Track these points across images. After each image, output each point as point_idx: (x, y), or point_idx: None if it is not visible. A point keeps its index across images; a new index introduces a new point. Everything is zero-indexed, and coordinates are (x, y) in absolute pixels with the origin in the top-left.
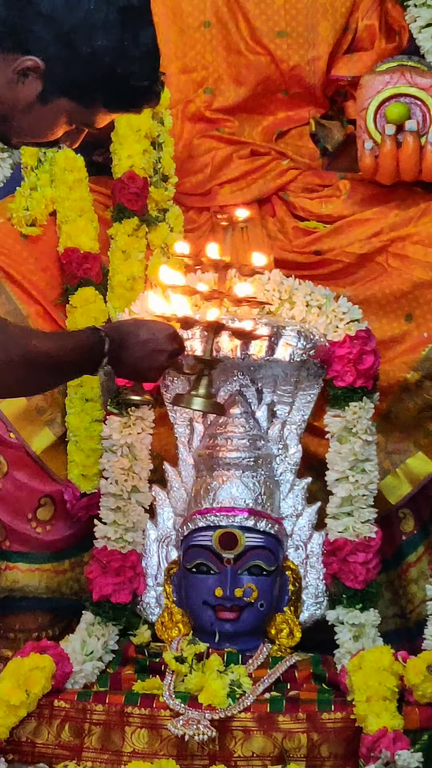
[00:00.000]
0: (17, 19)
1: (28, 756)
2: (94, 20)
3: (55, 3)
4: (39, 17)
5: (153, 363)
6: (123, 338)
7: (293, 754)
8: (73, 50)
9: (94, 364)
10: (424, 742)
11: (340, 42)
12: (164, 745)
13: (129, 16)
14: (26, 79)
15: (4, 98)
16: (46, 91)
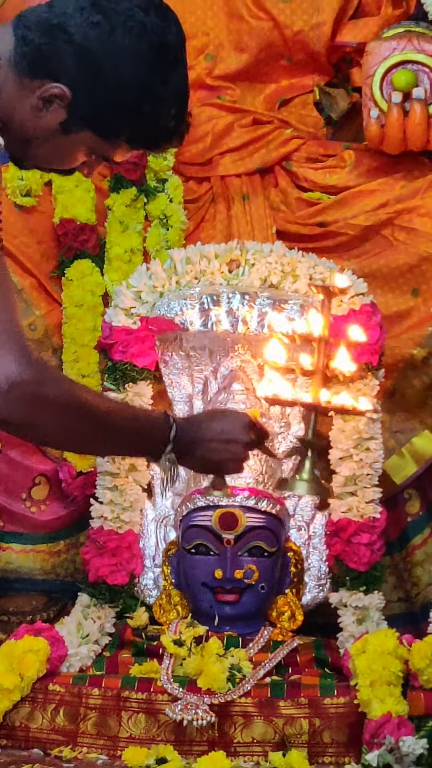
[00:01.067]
0: (49, 46)
1: (22, 741)
2: (125, 55)
3: (89, 33)
4: (71, 45)
5: (228, 455)
6: (195, 430)
7: (294, 740)
8: (101, 83)
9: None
10: (429, 729)
11: (345, 7)
12: (162, 730)
13: (161, 54)
14: (51, 107)
15: (28, 124)
16: (69, 121)
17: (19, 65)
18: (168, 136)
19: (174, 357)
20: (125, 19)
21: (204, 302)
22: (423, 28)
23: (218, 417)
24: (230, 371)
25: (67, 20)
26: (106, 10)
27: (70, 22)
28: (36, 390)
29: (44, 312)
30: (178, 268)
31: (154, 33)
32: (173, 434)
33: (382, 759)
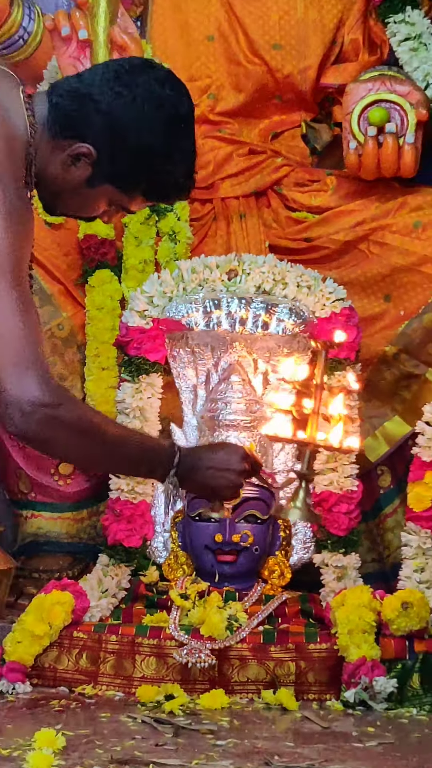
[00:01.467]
0: (78, 111)
1: (51, 681)
2: (144, 122)
3: (113, 103)
4: (97, 112)
5: (226, 482)
6: (197, 458)
7: (283, 680)
8: (123, 145)
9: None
10: (398, 670)
11: (328, 54)
12: (170, 671)
13: (175, 123)
14: (78, 163)
15: (58, 178)
16: (93, 176)
17: (53, 128)
18: (178, 191)
19: (181, 352)
20: (144, 91)
21: (207, 306)
22: (394, 72)
23: (217, 448)
24: (229, 365)
25: (95, 90)
26: (128, 83)
27: (97, 91)
28: (54, 413)
29: (70, 314)
30: (185, 276)
31: (169, 104)
32: (177, 461)
33: (358, 696)
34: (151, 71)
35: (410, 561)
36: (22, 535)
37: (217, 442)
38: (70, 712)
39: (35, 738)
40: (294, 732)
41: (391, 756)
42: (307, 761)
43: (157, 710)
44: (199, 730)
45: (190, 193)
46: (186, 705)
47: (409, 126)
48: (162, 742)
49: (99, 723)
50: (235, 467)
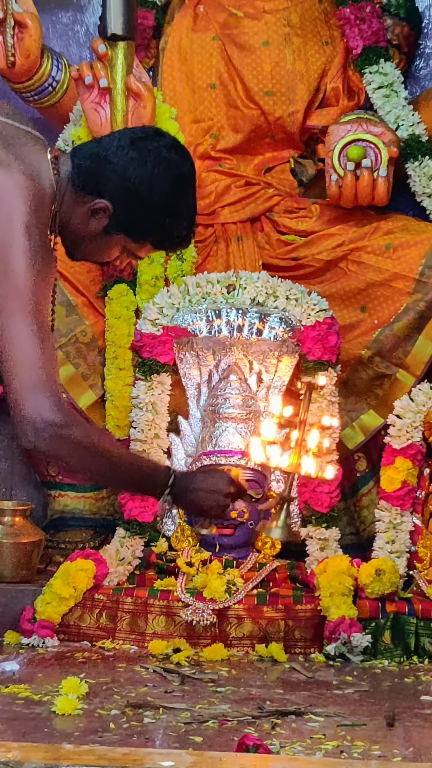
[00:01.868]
0: (97, 171)
1: (75, 636)
2: (154, 182)
3: (128, 164)
4: (114, 173)
5: (213, 502)
6: (189, 481)
7: (274, 636)
8: (135, 202)
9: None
10: (372, 628)
11: (313, 100)
12: (177, 628)
13: (180, 183)
14: (97, 216)
15: (80, 229)
16: (109, 227)
17: (75, 185)
18: (181, 241)
19: (187, 355)
20: (155, 156)
21: (209, 315)
22: (370, 115)
23: (208, 473)
24: (228, 366)
25: (112, 154)
26: (141, 149)
27: (114, 155)
28: (63, 432)
29: (92, 322)
30: (190, 290)
31: (175, 167)
32: (171, 482)
33: (338, 649)
34: (160, 139)
35: (383, 534)
36: (50, 512)
37: (208, 468)
38: (91, 663)
39: (62, 685)
40: (283, 681)
41: (366, 701)
42: (294, 706)
43: (166, 661)
44: (202, 679)
45: (191, 242)
46: (191, 657)
47: (383, 162)
48: (170, 689)
49: (116, 672)
50: (222, 489)
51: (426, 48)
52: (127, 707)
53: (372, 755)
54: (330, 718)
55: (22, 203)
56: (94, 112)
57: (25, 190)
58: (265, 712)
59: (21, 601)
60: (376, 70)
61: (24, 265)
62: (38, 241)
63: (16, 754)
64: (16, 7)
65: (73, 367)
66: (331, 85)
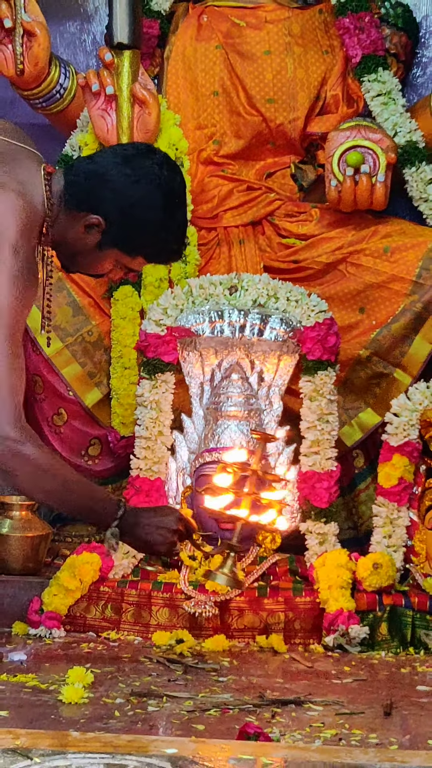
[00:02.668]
0: (91, 188)
1: (81, 627)
2: (146, 199)
3: (121, 182)
4: (108, 191)
5: (161, 539)
6: (138, 515)
7: (274, 627)
8: (128, 217)
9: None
10: (370, 620)
11: (313, 107)
12: (180, 620)
13: (171, 199)
14: (91, 231)
15: (75, 242)
16: (103, 242)
17: (69, 201)
18: (173, 254)
19: (190, 355)
20: (147, 173)
21: (212, 316)
22: (368, 122)
23: (157, 510)
24: (230, 365)
25: (106, 171)
26: (134, 165)
27: (108, 172)
28: (18, 447)
29: (98, 322)
30: (194, 292)
31: (167, 183)
32: (120, 514)
33: (336, 641)
34: (153, 156)
35: (380, 529)
36: None
37: (158, 506)
38: (97, 653)
39: (68, 674)
40: (283, 670)
41: (363, 690)
42: (294, 695)
43: (169, 652)
44: (205, 669)
45: (181, 256)
46: (193, 647)
47: (381, 167)
48: (174, 679)
49: (121, 662)
50: (170, 527)
51: (423, 57)
52: (132, 696)
53: (370, 743)
54: (329, 707)
55: (12, 223)
56: (100, 118)
57: (17, 210)
58: (265, 701)
59: (28, 593)
60: (374, 78)
61: (6, 285)
62: (24, 263)
63: (24, 741)
64: (24, 17)
65: (79, 366)
66: (330, 92)
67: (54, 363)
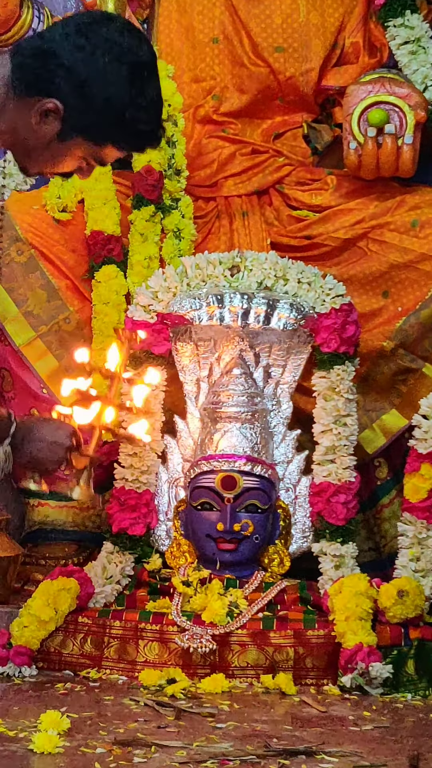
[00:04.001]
0: (42, 68)
1: (56, 664)
2: (107, 72)
3: (75, 57)
4: (61, 68)
5: (50, 455)
6: (29, 430)
7: (282, 665)
8: (88, 97)
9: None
10: (394, 657)
11: (329, 57)
12: (172, 656)
13: (138, 71)
14: (48, 119)
15: (29, 136)
16: (63, 130)
17: (18, 87)
18: (147, 138)
19: (185, 346)
20: (104, 43)
21: (210, 301)
22: (394, 74)
23: (47, 423)
24: (231, 359)
25: (56, 46)
26: (88, 35)
27: (59, 47)
28: None
29: (77, 308)
30: (189, 272)
31: (130, 52)
32: (12, 431)
33: (355, 681)
34: (110, 23)
35: (406, 550)
36: (29, 523)
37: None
38: (74, 695)
39: (41, 720)
40: (292, 716)
41: (386, 740)
42: (305, 744)
43: (159, 694)
44: (200, 713)
45: (161, 140)
46: (187, 689)
47: (408, 127)
48: (164, 725)
49: (103, 705)
50: (62, 442)
51: None
52: (115, 745)
53: None
54: (345, 759)
55: None
56: None
57: None
58: (271, 752)
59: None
60: (401, 23)
61: None
62: None
63: None
64: None
65: (55, 359)
66: (350, 39)
67: (25, 355)
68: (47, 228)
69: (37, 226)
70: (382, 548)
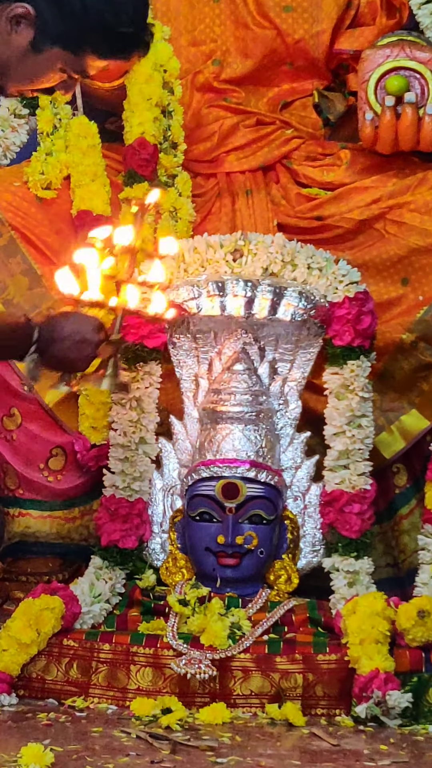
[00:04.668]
0: None
1: (38, 692)
2: None
3: None
4: None
5: (80, 353)
6: (52, 330)
7: (289, 693)
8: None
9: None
10: (414, 684)
11: (343, 17)
12: (167, 683)
13: None
14: (18, 28)
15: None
16: (37, 39)
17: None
18: (131, 42)
19: (182, 339)
20: None
21: (210, 289)
22: (414, 37)
23: (71, 318)
24: (234, 353)
25: None
26: None
27: None
28: None
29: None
30: (186, 257)
31: None
32: (35, 337)
33: (371, 711)
34: None
35: (427, 566)
36: (8, 535)
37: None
38: (59, 726)
39: (21, 754)
40: (301, 749)
41: None
42: None
43: (153, 725)
44: (199, 747)
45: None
46: (184, 719)
47: (430, 96)
48: (158, 759)
49: (90, 738)
50: (90, 338)
51: None
52: None
53: None
54: None
55: None
56: None
57: None
58: None
59: None
60: None
61: None
62: None
63: None
64: None
65: None
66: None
67: None
68: (29, 207)
69: (18, 205)
70: (401, 564)
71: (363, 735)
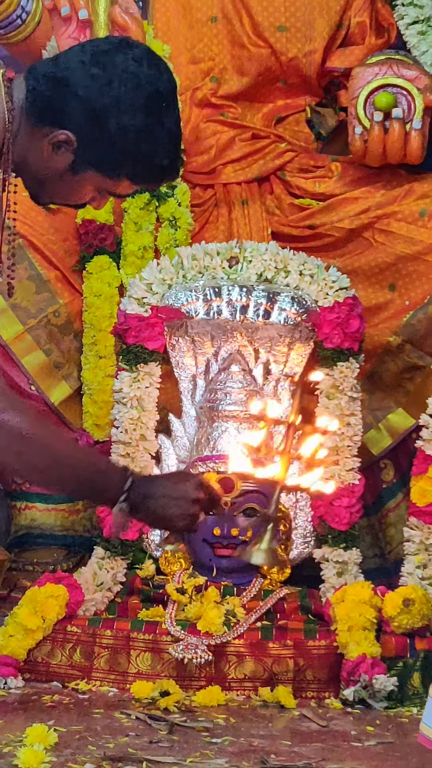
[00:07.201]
0: (55, 97)
1: (43, 675)
2: (123, 104)
3: (89, 86)
4: (74, 97)
5: (180, 511)
6: (150, 485)
7: (281, 677)
8: (103, 129)
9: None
10: (399, 668)
11: (334, 37)
12: (165, 667)
13: (156, 102)
14: (59, 151)
15: (42, 167)
16: (76, 162)
17: (31, 114)
18: (164, 172)
19: (180, 341)
20: (121, 72)
21: (207, 294)
22: (402, 56)
23: (173, 476)
24: (229, 354)
25: (70, 74)
26: (105, 64)
27: (73, 75)
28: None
29: (67, 301)
30: (185, 263)
31: (148, 83)
32: (128, 486)
33: (358, 694)
34: (128, 50)
35: (413, 557)
36: (15, 527)
37: (175, 471)
38: (62, 708)
39: (26, 734)
40: (291, 730)
41: (390, 756)
42: (304, 760)
43: (151, 707)
44: (195, 728)
45: (178, 174)
46: (181, 702)
47: (417, 111)
48: (156, 739)
49: (92, 719)
50: (190, 496)
51: None
52: (105, 761)
53: None
54: None
55: None
56: None
57: None
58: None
59: None
60: (410, 1)
61: None
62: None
63: None
64: None
65: (44, 354)
66: (356, 19)
67: (12, 350)
68: (36, 216)
69: (26, 215)
70: (388, 554)
71: (351, 717)
